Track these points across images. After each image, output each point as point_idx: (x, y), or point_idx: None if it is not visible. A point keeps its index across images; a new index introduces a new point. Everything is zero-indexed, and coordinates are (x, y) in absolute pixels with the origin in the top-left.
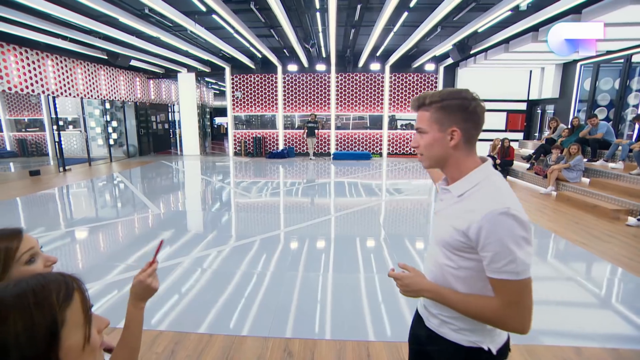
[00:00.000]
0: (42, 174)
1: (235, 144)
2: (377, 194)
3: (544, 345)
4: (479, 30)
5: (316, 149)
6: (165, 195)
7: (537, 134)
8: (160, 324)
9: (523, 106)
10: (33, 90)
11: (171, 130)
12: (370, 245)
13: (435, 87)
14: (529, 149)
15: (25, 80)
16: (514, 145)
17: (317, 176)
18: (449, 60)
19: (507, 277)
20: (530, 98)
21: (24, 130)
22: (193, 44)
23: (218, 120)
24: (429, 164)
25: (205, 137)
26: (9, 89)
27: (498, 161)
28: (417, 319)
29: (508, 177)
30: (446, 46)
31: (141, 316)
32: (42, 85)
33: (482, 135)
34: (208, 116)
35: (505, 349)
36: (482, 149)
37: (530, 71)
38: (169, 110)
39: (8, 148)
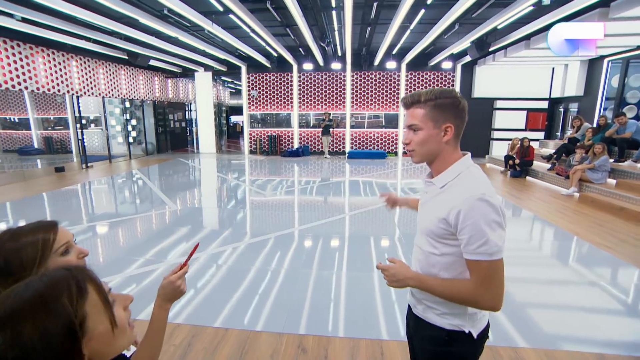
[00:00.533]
0: (66, 170)
1: (250, 142)
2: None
3: (564, 350)
4: (499, 27)
5: (331, 147)
6: (182, 192)
7: (559, 133)
8: (177, 317)
9: (544, 104)
10: (59, 90)
11: (188, 129)
12: (385, 244)
13: (453, 85)
14: (550, 148)
15: (52, 81)
16: (534, 144)
17: (331, 175)
18: (467, 58)
19: (480, 258)
20: (552, 96)
21: (50, 128)
22: (210, 44)
23: (234, 118)
24: (420, 159)
25: (222, 135)
26: (37, 89)
27: (517, 161)
28: (408, 308)
29: (527, 177)
30: (464, 43)
31: (166, 317)
32: (67, 85)
33: (500, 135)
34: (224, 115)
35: (484, 334)
36: (501, 148)
37: (553, 68)
38: (186, 108)
39: (35, 145)
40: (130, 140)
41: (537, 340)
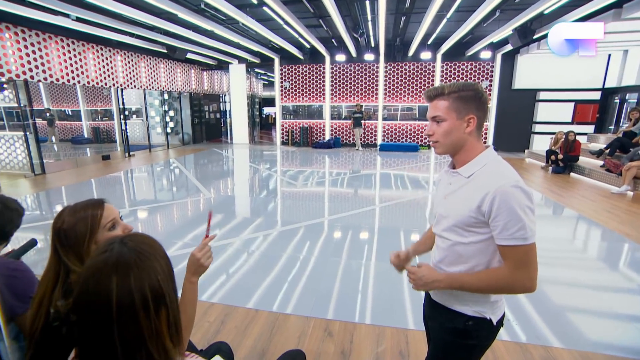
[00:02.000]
0: (111, 158)
1: (282, 134)
2: (424, 187)
3: (602, 354)
4: (546, 12)
5: (362, 139)
6: (216, 181)
7: (612, 127)
8: (212, 297)
9: (596, 95)
10: (106, 84)
11: (222, 120)
12: (415, 238)
13: (492, 75)
14: (601, 143)
15: (100, 75)
16: (581, 139)
17: (362, 167)
18: (508, 47)
19: (518, 243)
20: (606, 86)
21: (97, 119)
22: (244, 36)
23: (267, 110)
24: (444, 150)
25: (254, 126)
26: (88, 82)
27: (560, 156)
28: (426, 295)
29: (571, 173)
30: (505, 31)
31: (193, 289)
32: (113, 79)
33: (542, 128)
34: (257, 106)
35: (501, 321)
36: (542, 143)
37: (609, 55)
38: (221, 100)
39: (86, 135)
40: (168, 130)
41: (574, 342)
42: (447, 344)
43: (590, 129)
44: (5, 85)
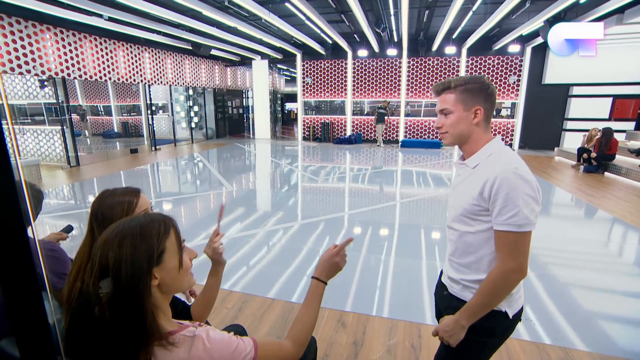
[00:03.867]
0: (139, 152)
1: (304, 129)
2: (446, 184)
3: (624, 358)
4: (581, 1)
5: (384, 135)
6: (238, 175)
7: None
8: (232, 285)
9: (638, 90)
10: (134, 80)
11: (245, 115)
12: (435, 236)
13: (520, 70)
14: None
15: (129, 72)
16: (619, 136)
17: (384, 163)
18: (538, 40)
19: (510, 229)
20: None
21: (126, 114)
22: (267, 32)
23: (289, 105)
24: (451, 140)
25: (276, 121)
26: (118, 79)
27: (594, 154)
28: (439, 287)
29: (605, 173)
30: (536, 23)
31: (218, 278)
32: (141, 75)
33: (574, 125)
34: (279, 102)
35: (519, 315)
36: (574, 140)
37: None
38: (244, 95)
39: (115, 130)
40: (193, 125)
41: (596, 344)
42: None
43: (630, 125)
44: (45, 83)
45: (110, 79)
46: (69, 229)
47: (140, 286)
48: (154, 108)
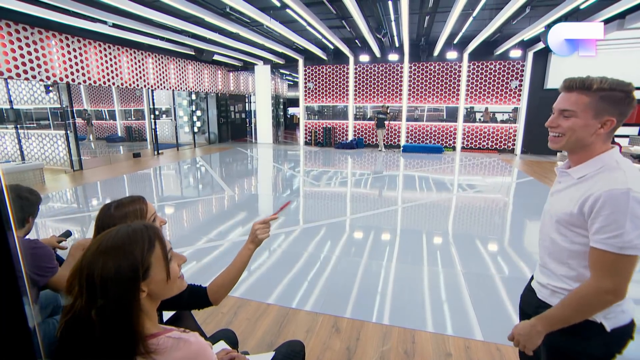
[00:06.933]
0: (142, 156)
1: (306, 134)
2: (448, 188)
3: None
4: (582, 7)
5: (386, 140)
6: (240, 179)
7: None
8: (232, 291)
9: None
10: (138, 85)
11: (247, 120)
12: (437, 241)
13: (522, 76)
14: None
15: (133, 77)
16: (622, 141)
17: (385, 168)
18: (540, 45)
19: (608, 249)
20: None
21: (130, 119)
22: (268, 38)
23: (291, 110)
24: (563, 145)
25: (279, 126)
26: (122, 84)
27: None
28: (528, 291)
29: None
30: (536, 28)
31: (247, 255)
32: (145, 80)
33: None
34: (281, 106)
35: (625, 331)
36: None
37: None
38: (246, 100)
39: (119, 134)
40: (195, 129)
41: None
42: (550, 349)
43: (633, 130)
44: (50, 88)
45: (114, 84)
46: (67, 234)
47: (128, 300)
48: (157, 112)
